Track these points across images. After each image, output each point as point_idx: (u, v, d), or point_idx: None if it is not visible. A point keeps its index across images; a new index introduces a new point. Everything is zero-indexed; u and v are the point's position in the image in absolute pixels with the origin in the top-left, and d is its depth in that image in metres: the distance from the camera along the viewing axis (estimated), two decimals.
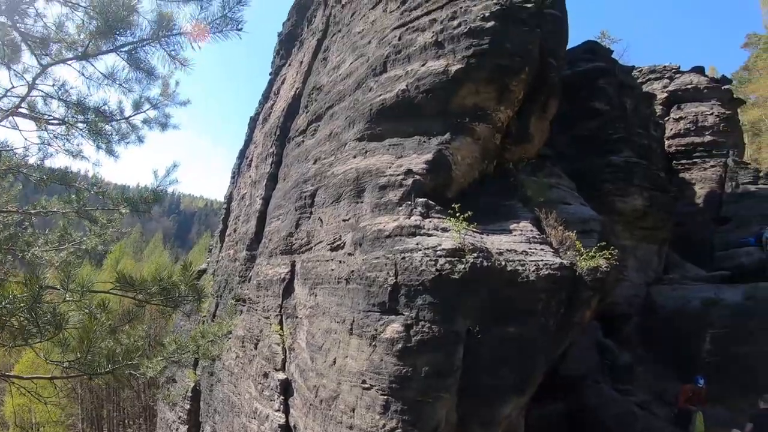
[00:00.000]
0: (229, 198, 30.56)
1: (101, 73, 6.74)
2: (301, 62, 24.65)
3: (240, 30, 5.52)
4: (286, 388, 14.39)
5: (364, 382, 10.36)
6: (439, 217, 11.13)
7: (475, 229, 10.79)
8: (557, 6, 14.12)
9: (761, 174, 29.26)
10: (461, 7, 13.54)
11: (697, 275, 21.54)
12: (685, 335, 18.28)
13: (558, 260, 10.18)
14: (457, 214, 10.51)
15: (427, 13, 14.56)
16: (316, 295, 13.37)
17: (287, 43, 29.50)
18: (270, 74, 31.12)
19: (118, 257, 59.65)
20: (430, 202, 11.49)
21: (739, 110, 38.86)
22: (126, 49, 5.88)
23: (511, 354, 9.87)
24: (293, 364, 14.19)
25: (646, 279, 20.24)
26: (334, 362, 11.41)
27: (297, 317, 14.56)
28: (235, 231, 25.58)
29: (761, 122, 48.56)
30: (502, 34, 12.63)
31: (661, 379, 18.20)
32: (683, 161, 29.35)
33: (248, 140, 30.78)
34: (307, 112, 19.89)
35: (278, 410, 14.30)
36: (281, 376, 14.72)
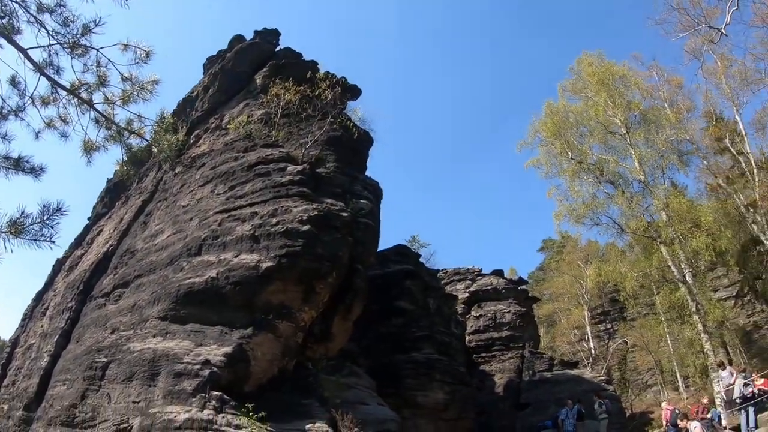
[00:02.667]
0: (14, 342, 27.17)
1: None
2: (122, 219, 23.95)
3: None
4: None
5: None
6: (233, 413, 10.81)
7: (270, 429, 10.57)
8: (372, 215, 15.33)
9: (555, 362, 32.40)
10: (283, 206, 14.28)
11: None
12: None
13: None
14: (251, 414, 10.30)
15: (251, 205, 15.13)
16: None
17: (113, 192, 28.66)
18: (88, 218, 29.61)
19: None
20: (225, 396, 11.19)
21: (534, 306, 43.61)
22: None
23: None
24: None
25: None
26: None
27: None
28: (13, 384, 22.62)
29: (555, 314, 54.26)
30: (315, 238, 13.39)
31: None
32: (483, 354, 31.83)
33: (48, 284, 28.25)
34: (115, 275, 19.01)
35: None
36: None
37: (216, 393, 11.23)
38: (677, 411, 17.94)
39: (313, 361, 13.86)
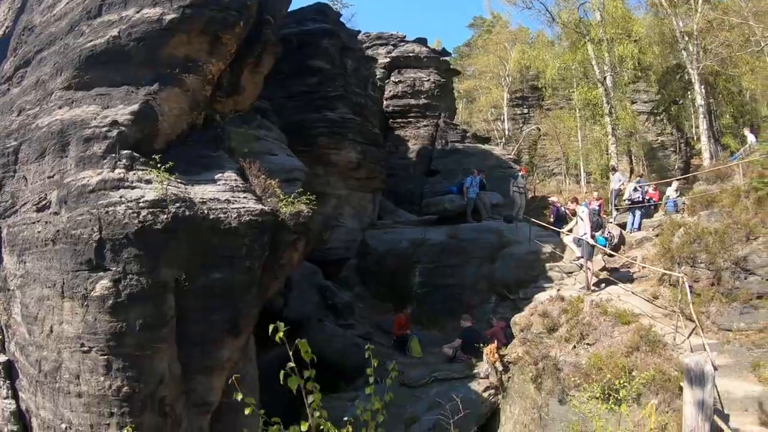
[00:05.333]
0: None
1: None
2: None
3: None
4: (9, 371, 13.16)
5: (82, 345, 9.98)
6: (143, 170, 10.99)
7: (179, 180, 10.93)
8: None
9: (468, 134, 33.93)
10: None
11: (407, 219, 24.49)
12: (397, 272, 20.75)
13: (260, 207, 10.83)
14: (159, 165, 10.59)
15: None
16: (25, 263, 12.34)
17: None
18: None
19: None
20: (135, 154, 11.26)
21: (455, 79, 44.12)
22: None
23: (220, 298, 10.37)
24: (12, 342, 12.98)
25: (361, 225, 22.34)
26: (51, 330, 10.78)
27: (9, 290, 13.25)
28: None
29: (475, 91, 55.24)
30: None
31: (379, 311, 20.43)
32: (399, 120, 32.73)
33: None
34: (15, 56, 17.60)
35: (6, 397, 13.04)
36: (2, 358, 13.44)
37: (126, 152, 11.23)
38: (563, 207, 19.24)
39: (222, 114, 13.93)
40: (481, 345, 14.78)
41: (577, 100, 34.67)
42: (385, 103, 32.21)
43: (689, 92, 31.63)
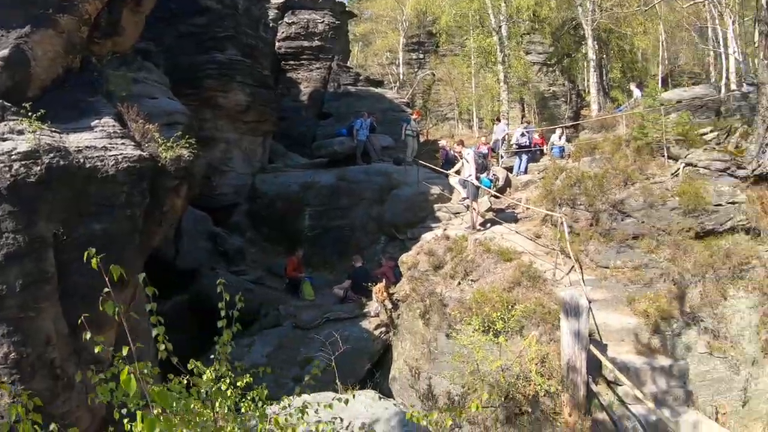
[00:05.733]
0: None
1: None
2: None
3: None
4: None
5: None
6: (15, 119, 10.41)
7: (54, 129, 10.51)
8: None
9: (361, 78, 33.94)
10: None
11: (298, 163, 24.55)
12: (288, 215, 21.00)
13: (138, 152, 10.64)
14: (30, 114, 10.13)
15: None
16: None
17: None
18: None
19: None
20: (6, 103, 10.64)
21: (351, 22, 43.52)
22: None
23: (102, 249, 10.20)
24: None
25: (251, 169, 22.14)
26: None
27: None
28: None
29: (371, 35, 54.72)
30: None
31: (271, 255, 20.64)
32: (292, 62, 32.22)
33: None
34: None
35: None
36: None
37: None
38: (452, 150, 19.75)
39: (101, 57, 13.27)
40: (371, 284, 15.04)
41: (471, 48, 35.39)
42: (277, 44, 31.43)
43: (582, 46, 32.90)
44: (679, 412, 9.59)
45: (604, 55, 33.96)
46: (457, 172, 16.76)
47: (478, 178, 15.23)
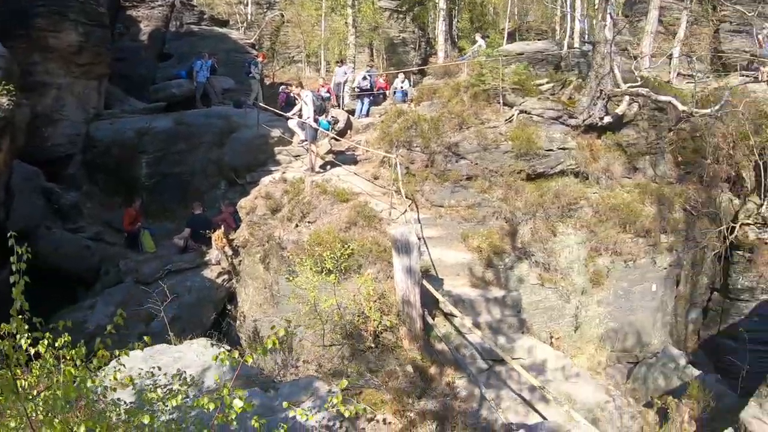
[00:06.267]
0: None
1: None
2: None
3: None
4: None
5: None
6: None
7: None
8: None
9: (205, 17, 32.20)
10: None
11: (136, 108, 22.96)
12: (124, 164, 19.76)
13: None
14: None
15: None
16: None
17: None
18: None
19: None
20: None
21: None
22: None
23: None
24: None
25: (86, 116, 20.30)
26: None
27: None
28: None
29: None
30: None
31: (110, 208, 19.44)
32: None
33: None
34: None
35: None
36: None
37: None
38: (291, 93, 19.43)
39: None
40: (210, 232, 14.82)
41: None
42: None
43: None
44: (514, 338, 10.54)
45: (455, 6, 34.87)
46: (300, 115, 16.48)
47: (316, 120, 15.41)
